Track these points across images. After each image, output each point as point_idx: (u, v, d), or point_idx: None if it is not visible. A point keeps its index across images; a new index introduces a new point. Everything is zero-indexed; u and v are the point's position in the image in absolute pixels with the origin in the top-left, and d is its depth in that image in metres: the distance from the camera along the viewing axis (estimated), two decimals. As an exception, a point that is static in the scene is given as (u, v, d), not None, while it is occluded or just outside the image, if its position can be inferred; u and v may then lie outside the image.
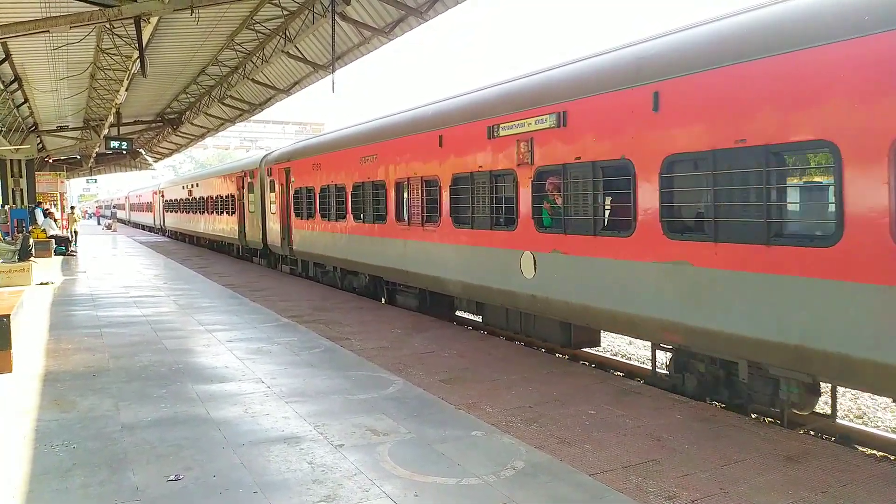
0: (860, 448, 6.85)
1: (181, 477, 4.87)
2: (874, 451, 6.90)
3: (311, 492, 4.62)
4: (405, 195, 11.84)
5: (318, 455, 5.29)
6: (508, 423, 6.05)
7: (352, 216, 13.99)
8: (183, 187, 34.41)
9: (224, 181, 25.72)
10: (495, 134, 9.29)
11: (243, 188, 22.67)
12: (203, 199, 29.52)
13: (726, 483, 4.74)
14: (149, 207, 50.37)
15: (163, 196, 42.44)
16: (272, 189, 19.13)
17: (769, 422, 6.81)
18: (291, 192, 17.57)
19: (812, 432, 7.14)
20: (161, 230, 44.20)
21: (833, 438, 7.06)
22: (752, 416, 6.98)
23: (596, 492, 4.64)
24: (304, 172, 16.58)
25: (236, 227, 23.70)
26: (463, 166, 10.02)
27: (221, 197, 26.03)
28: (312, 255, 16.80)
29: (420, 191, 11.21)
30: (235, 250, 25.59)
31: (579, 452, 5.33)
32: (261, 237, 20.61)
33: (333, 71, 16.17)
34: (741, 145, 5.97)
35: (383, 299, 13.72)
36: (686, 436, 5.68)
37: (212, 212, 28.02)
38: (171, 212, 39.31)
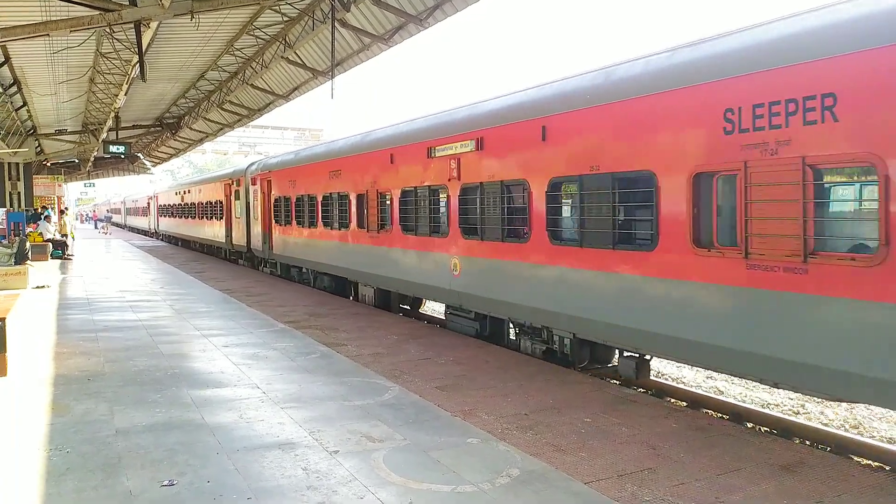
0: (855, 458, 6.84)
1: (175, 482, 4.85)
2: (869, 461, 6.90)
3: (306, 498, 4.61)
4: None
5: (312, 461, 5.27)
6: (504, 430, 6.04)
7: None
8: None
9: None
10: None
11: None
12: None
13: (721, 492, 4.74)
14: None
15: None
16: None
17: (764, 431, 6.82)
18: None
19: (807, 442, 7.15)
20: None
21: (828, 448, 7.06)
22: (748, 425, 6.99)
23: (591, 500, 4.63)
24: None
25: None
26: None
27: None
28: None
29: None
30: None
31: (574, 460, 5.33)
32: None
33: (333, 77, 16.24)
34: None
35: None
36: (681, 444, 5.68)
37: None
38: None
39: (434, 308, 16.62)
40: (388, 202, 12.54)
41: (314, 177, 16.25)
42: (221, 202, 25.63)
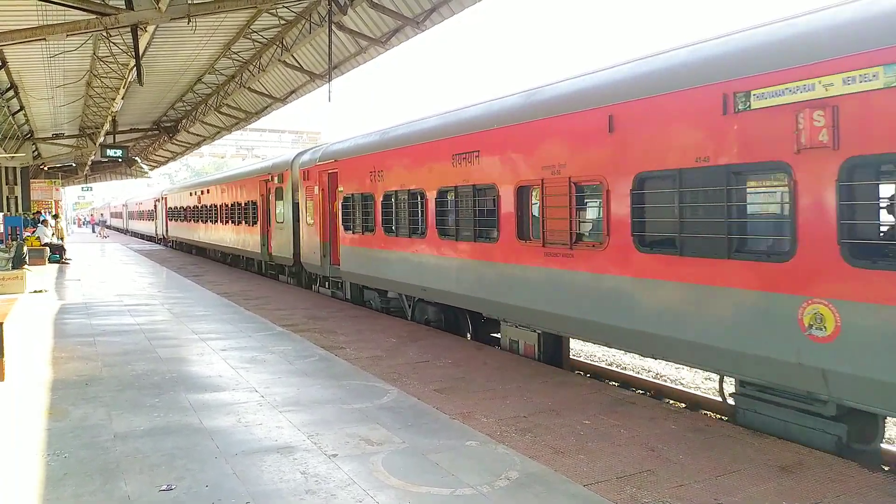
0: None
1: (173, 487, 4.83)
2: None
3: (305, 502, 4.59)
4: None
5: (311, 465, 5.26)
6: (503, 432, 6.03)
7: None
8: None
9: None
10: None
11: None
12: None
13: (721, 493, 4.73)
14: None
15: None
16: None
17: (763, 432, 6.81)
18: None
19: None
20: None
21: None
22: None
23: (590, 502, 4.62)
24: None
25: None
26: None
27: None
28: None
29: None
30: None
31: (574, 463, 5.32)
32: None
33: (330, 80, 16.26)
34: None
35: None
36: (680, 446, 5.67)
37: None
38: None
39: (592, 353, 12.94)
40: (595, 199, 7.77)
41: (422, 163, 11.15)
42: (255, 203, 21.33)
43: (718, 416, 8.04)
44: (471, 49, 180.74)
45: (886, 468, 6.65)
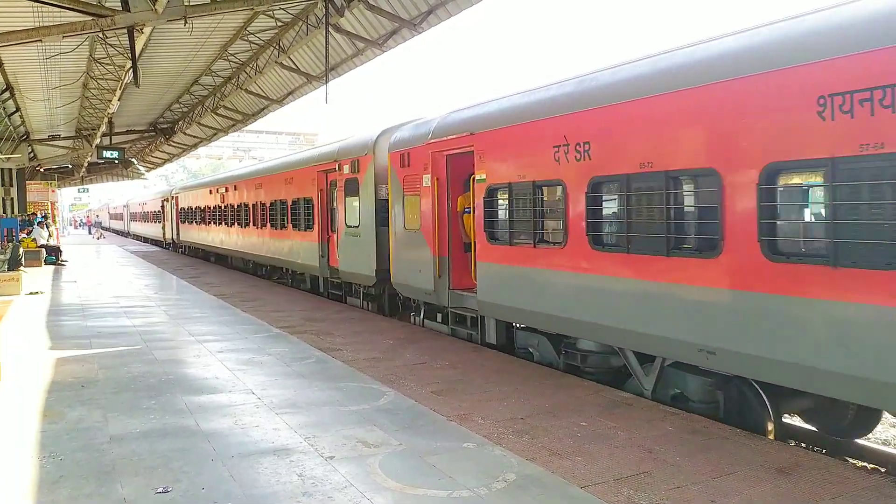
0: (851, 460, 6.86)
1: (169, 489, 4.82)
2: (865, 463, 6.92)
3: (301, 504, 4.59)
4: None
5: (308, 467, 5.25)
6: (500, 434, 6.03)
7: None
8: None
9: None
10: None
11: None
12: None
13: (717, 495, 4.74)
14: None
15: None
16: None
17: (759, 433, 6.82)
18: None
19: (803, 444, 7.17)
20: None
21: (824, 450, 7.08)
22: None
23: (587, 504, 4.62)
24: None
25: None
26: None
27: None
28: None
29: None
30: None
31: (571, 465, 5.32)
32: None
33: (327, 82, 16.28)
34: None
35: None
36: (677, 448, 5.68)
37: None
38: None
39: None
40: None
41: (710, 123, 6.18)
42: (309, 200, 16.49)
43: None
44: (468, 50, 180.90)
45: (883, 469, 6.68)
